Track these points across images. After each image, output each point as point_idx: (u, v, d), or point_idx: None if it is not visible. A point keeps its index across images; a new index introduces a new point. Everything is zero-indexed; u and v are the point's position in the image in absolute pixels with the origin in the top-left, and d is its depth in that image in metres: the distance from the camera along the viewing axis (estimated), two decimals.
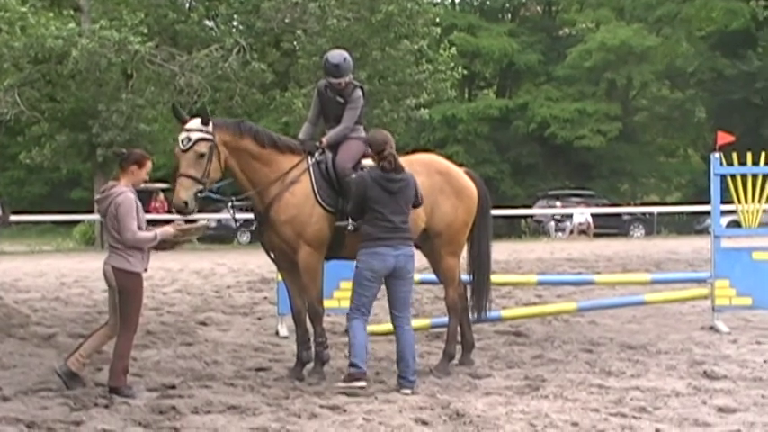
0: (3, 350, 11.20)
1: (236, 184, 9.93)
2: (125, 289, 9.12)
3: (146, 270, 9.33)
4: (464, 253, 11.07)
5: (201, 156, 9.36)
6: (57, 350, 11.34)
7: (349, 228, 9.61)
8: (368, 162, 10.08)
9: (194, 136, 9.39)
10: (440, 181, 10.39)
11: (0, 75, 34.20)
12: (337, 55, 10.46)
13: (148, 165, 9.53)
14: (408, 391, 8.83)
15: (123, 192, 9.16)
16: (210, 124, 9.50)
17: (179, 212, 9.66)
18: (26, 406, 8.22)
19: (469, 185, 10.65)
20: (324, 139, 10.11)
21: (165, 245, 9.65)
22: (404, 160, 10.44)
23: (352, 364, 8.95)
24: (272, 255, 10.22)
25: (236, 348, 11.64)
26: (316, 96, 10.58)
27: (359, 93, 10.34)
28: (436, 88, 37.07)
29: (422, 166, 10.43)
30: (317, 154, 9.94)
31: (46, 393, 8.79)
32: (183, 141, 9.46)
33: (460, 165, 11.40)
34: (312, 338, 9.87)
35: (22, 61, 33.61)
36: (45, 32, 32.60)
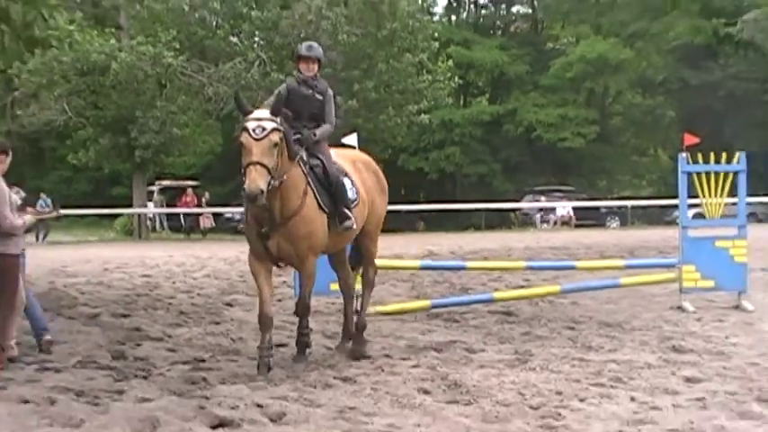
0: (54, 328, 11.22)
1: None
2: (2, 270, 8.85)
3: (24, 250, 9.14)
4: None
5: (275, 146, 8.14)
6: (101, 328, 11.37)
7: (354, 227, 9.10)
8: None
9: (268, 125, 8.17)
10: (374, 179, 9.94)
11: (51, 86, 34.37)
12: (307, 42, 9.87)
13: (9, 154, 9.08)
14: None
15: None
16: (279, 117, 8.35)
17: (252, 201, 8.03)
18: (75, 377, 8.24)
19: (385, 182, 10.29)
20: (317, 133, 9.04)
21: (36, 229, 9.23)
22: (344, 155, 9.85)
23: None
24: (268, 259, 8.87)
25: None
26: (284, 89, 9.23)
27: (331, 91, 9.44)
28: (435, 96, 37.22)
29: (363, 165, 9.96)
30: (308, 159, 8.82)
31: (92, 366, 8.82)
32: (255, 130, 8.13)
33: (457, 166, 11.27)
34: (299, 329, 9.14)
35: (69, 74, 33.95)
36: (89, 48, 32.90)
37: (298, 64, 9.38)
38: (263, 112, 8.36)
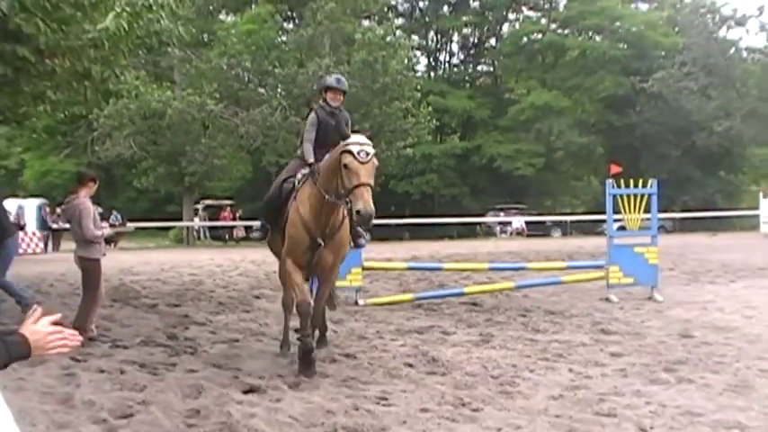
0: (122, 315, 11.23)
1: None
2: (87, 271, 8.92)
3: (104, 255, 9.12)
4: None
5: (375, 168, 6.91)
6: (158, 315, 11.37)
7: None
8: None
9: (371, 150, 6.85)
10: None
11: (121, 127, 34.59)
12: (335, 76, 8.40)
13: (97, 182, 9.18)
14: None
15: (84, 201, 8.86)
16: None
17: (370, 220, 6.52)
18: (138, 352, 8.27)
19: None
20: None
21: (112, 239, 9.20)
22: None
23: None
24: (306, 268, 7.46)
25: (279, 314, 11.55)
26: (315, 120, 7.87)
27: (350, 121, 8.13)
28: (418, 134, 37.31)
29: None
30: None
31: (152, 344, 8.83)
32: (359, 153, 6.73)
33: (435, 189, 11.22)
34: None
35: (135, 118, 34.21)
36: (150, 98, 33.02)
37: (325, 94, 8.07)
38: (362, 138, 7.00)
